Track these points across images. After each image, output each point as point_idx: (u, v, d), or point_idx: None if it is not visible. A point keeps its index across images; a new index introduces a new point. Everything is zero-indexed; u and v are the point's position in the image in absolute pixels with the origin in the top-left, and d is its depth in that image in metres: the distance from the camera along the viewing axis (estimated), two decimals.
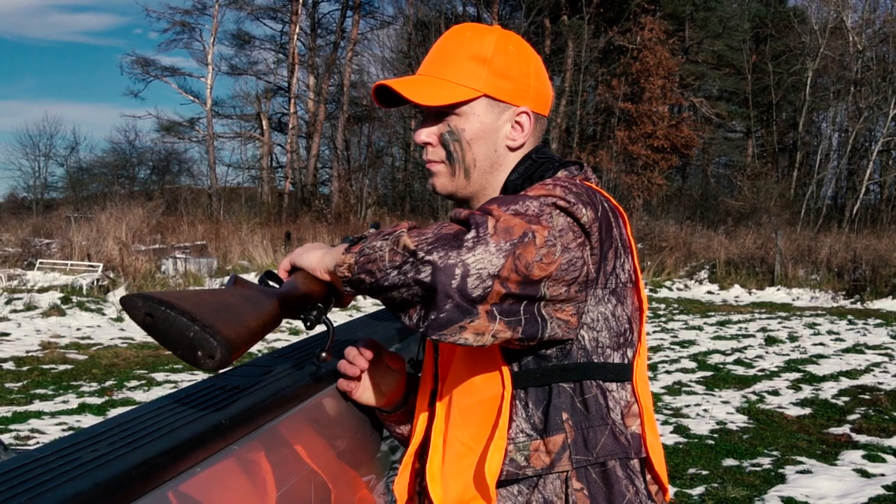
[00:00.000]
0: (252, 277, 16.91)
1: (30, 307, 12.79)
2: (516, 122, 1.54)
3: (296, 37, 38.01)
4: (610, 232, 1.37)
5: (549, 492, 1.35)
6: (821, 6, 35.79)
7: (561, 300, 1.28)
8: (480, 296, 1.19)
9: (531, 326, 1.26)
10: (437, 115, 1.54)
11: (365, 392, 1.64)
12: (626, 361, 1.41)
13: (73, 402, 7.98)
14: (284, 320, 1.44)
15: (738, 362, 10.57)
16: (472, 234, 1.20)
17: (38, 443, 6.46)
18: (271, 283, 1.47)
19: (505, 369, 1.38)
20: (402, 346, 2.09)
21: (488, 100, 1.51)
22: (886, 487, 5.66)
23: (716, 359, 10.80)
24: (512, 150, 1.55)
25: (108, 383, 8.83)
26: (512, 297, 1.22)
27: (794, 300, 18.24)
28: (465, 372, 1.44)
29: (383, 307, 2.72)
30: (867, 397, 8.57)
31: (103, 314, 12.86)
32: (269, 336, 12.02)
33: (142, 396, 8.26)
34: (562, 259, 1.25)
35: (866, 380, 9.52)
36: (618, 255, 1.39)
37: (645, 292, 1.49)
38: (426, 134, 1.56)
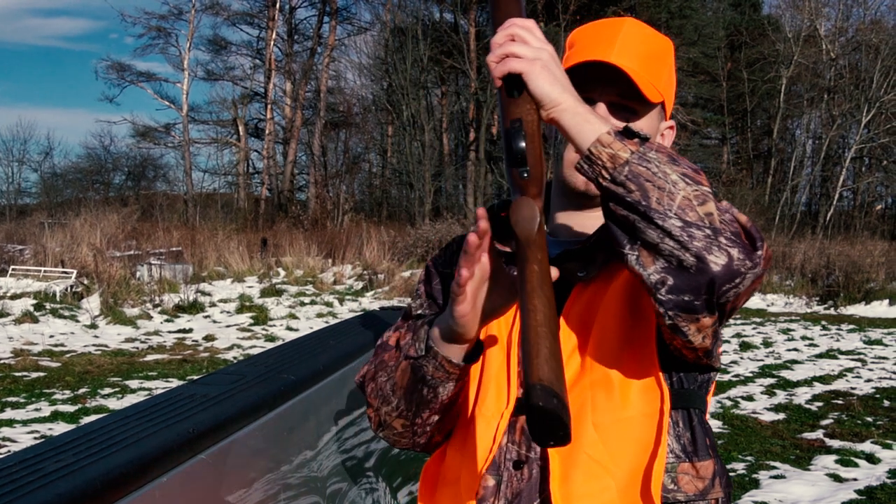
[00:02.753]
0: (228, 284, 16.83)
1: (2, 314, 12.65)
2: (662, 135, 1.53)
3: (272, 42, 37.93)
4: None
5: None
6: (794, 14, 36.15)
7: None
8: (725, 304, 1.21)
9: (717, 341, 1.32)
10: (620, 108, 1.45)
11: (470, 306, 1.29)
12: None
13: (46, 409, 7.90)
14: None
15: None
16: (758, 254, 1.19)
17: (9, 451, 6.39)
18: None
19: (665, 385, 1.34)
20: (369, 357, 2.08)
21: (659, 108, 1.50)
22: (859, 492, 5.70)
23: None
24: None
25: (81, 391, 8.75)
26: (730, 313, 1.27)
27: (768, 306, 18.35)
28: (613, 384, 1.35)
29: (363, 315, 2.71)
30: (840, 402, 8.64)
31: (77, 321, 12.75)
32: (245, 343, 11.96)
33: (115, 404, 8.19)
34: None
35: (839, 385, 9.60)
36: None
37: None
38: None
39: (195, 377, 6.61)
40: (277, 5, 37.74)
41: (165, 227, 25.65)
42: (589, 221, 1.48)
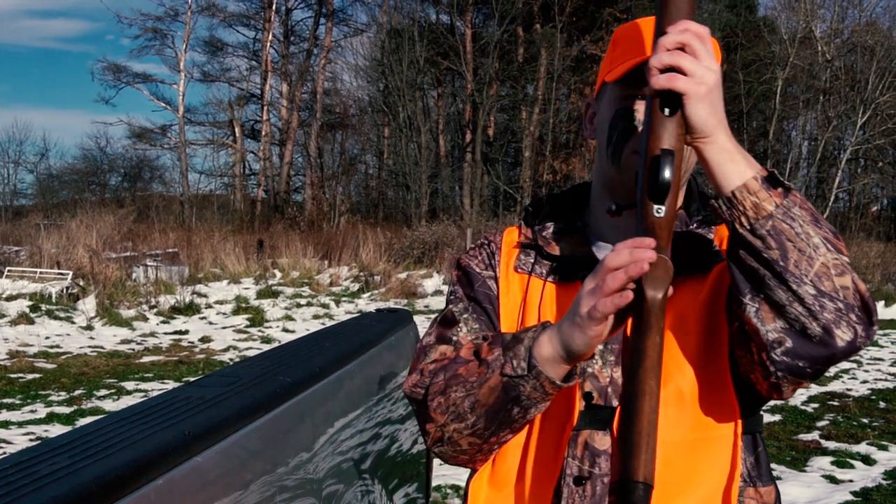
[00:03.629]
0: (224, 286, 16.80)
1: None
2: None
3: (269, 44, 37.93)
4: None
5: None
6: (790, 16, 36.19)
7: None
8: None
9: None
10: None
11: (606, 329, 1.22)
12: None
13: (42, 411, 7.88)
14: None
15: None
16: (874, 329, 1.17)
17: (4, 453, 6.37)
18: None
19: (737, 407, 1.32)
20: (366, 359, 2.08)
21: None
22: (854, 493, 5.71)
23: None
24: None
25: (77, 392, 8.73)
26: None
27: None
28: (686, 403, 1.32)
29: (360, 316, 2.71)
30: (836, 404, 8.64)
31: (73, 322, 12.73)
32: (241, 344, 11.96)
33: (111, 405, 8.18)
34: None
35: (835, 386, 9.60)
36: None
37: None
38: None
39: (191, 379, 6.60)
40: (274, 7, 37.76)
41: (161, 229, 25.63)
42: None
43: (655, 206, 1.18)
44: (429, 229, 23.63)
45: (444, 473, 5.96)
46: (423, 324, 10.68)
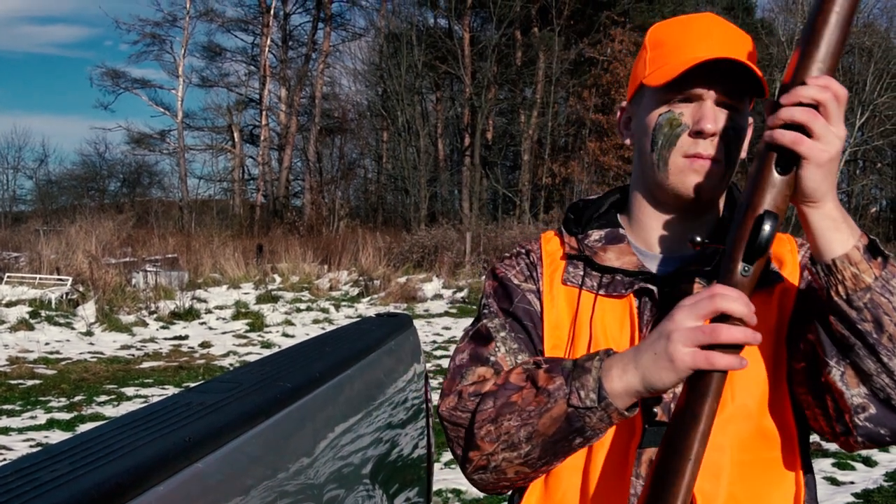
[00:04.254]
0: (224, 291, 16.80)
1: None
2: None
3: (267, 49, 37.96)
4: None
5: None
6: (787, 18, 36.24)
7: None
8: None
9: None
10: (723, 106, 1.35)
11: None
12: None
13: (42, 417, 7.88)
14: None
15: None
16: None
17: (4, 459, 6.36)
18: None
19: (796, 432, 1.33)
20: (366, 363, 2.08)
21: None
22: (856, 495, 5.71)
23: None
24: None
25: (77, 398, 8.73)
26: None
27: None
28: (752, 420, 1.30)
29: (359, 321, 2.72)
30: None
31: (73, 328, 12.72)
32: (241, 349, 11.95)
33: (111, 411, 8.17)
34: None
35: None
36: None
37: None
38: (718, 123, 1.34)
39: (191, 384, 6.60)
40: (272, 12, 37.80)
41: (161, 234, 25.63)
42: (701, 230, 1.41)
43: (744, 265, 1.16)
44: (428, 233, 23.63)
45: (445, 478, 5.96)
46: (422, 328, 10.63)
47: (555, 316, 1.42)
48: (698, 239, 1.24)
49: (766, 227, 1.14)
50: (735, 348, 1.13)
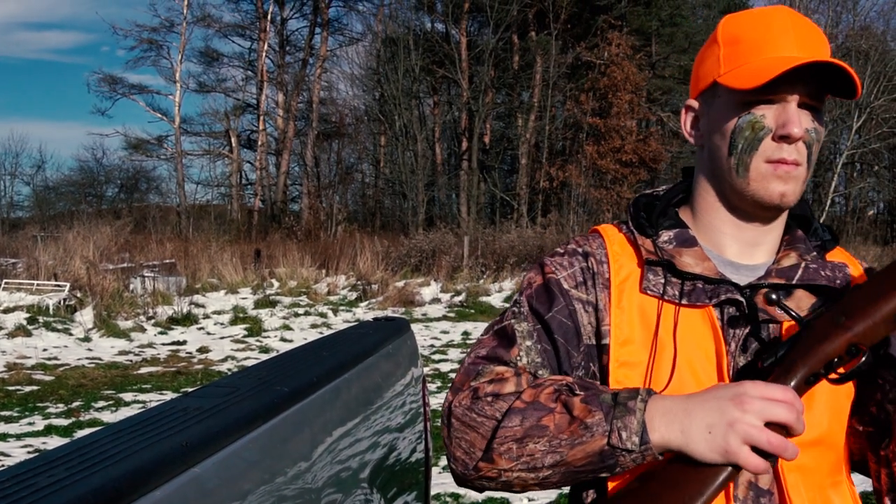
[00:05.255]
0: (222, 296, 16.78)
1: None
2: None
3: (264, 54, 37.99)
4: None
5: None
6: None
7: None
8: None
9: None
10: (806, 108, 1.29)
11: None
12: None
13: (40, 423, 7.87)
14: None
15: None
16: None
17: (2, 465, 6.36)
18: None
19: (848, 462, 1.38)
20: (363, 368, 2.07)
21: None
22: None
23: None
24: None
25: (74, 404, 8.72)
26: None
27: None
28: (825, 445, 1.30)
29: (357, 325, 2.72)
30: None
31: (70, 334, 12.71)
32: (239, 354, 11.94)
33: (109, 417, 8.17)
34: None
35: None
36: None
37: None
38: (805, 127, 1.28)
39: (189, 389, 6.60)
40: (269, 17, 37.82)
41: (158, 240, 25.61)
42: (763, 237, 1.36)
43: (815, 376, 1.17)
44: (426, 237, 23.64)
45: (444, 482, 5.95)
46: (420, 332, 10.62)
47: (626, 330, 1.31)
48: (768, 360, 1.22)
49: (863, 360, 1.15)
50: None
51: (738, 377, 1.26)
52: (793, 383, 1.16)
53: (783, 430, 1.12)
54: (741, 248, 1.36)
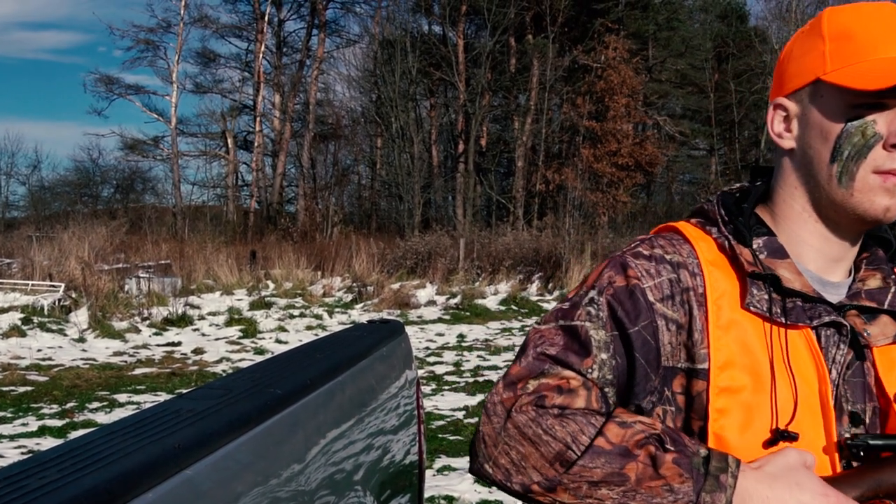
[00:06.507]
0: (217, 297, 16.77)
1: None
2: None
3: (261, 55, 37.97)
4: None
5: None
6: (781, 26, 36.35)
7: None
8: None
9: None
10: None
11: None
12: None
13: (33, 424, 7.85)
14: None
15: None
16: None
17: None
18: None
19: None
20: (357, 370, 2.07)
21: None
22: None
23: None
24: None
25: (69, 405, 8.70)
26: None
27: None
28: None
29: (352, 327, 2.72)
30: None
31: (65, 335, 12.69)
32: (234, 356, 11.93)
33: (103, 418, 8.15)
34: None
35: None
36: None
37: None
38: None
39: (184, 391, 6.59)
40: (266, 18, 37.81)
41: (154, 240, 25.60)
42: (846, 253, 1.27)
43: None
44: (422, 240, 23.63)
45: (438, 484, 5.95)
46: (416, 334, 10.60)
47: (726, 352, 1.18)
48: (859, 442, 1.15)
49: None
50: None
51: (839, 415, 1.18)
52: (856, 494, 1.10)
53: None
54: (825, 264, 1.26)
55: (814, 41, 1.22)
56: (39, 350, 11.79)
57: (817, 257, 1.25)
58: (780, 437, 1.13)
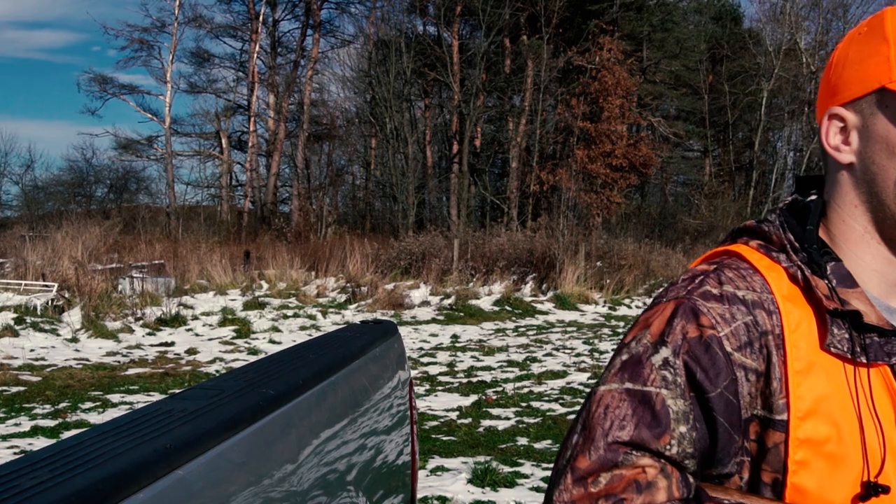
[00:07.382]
0: (210, 297, 16.74)
1: None
2: None
3: (256, 55, 37.94)
4: None
5: None
6: (775, 28, 36.46)
7: None
8: None
9: None
10: None
11: None
12: None
13: (26, 424, 7.83)
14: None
15: None
16: None
17: None
18: None
19: None
20: (350, 370, 2.07)
21: None
22: None
23: None
24: None
25: (62, 405, 8.68)
26: None
27: None
28: None
29: (346, 327, 2.72)
30: None
31: (58, 335, 12.66)
32: (227, 356, 11.91)
33: (96, 418, 8.14)
34: None
35: None
36: None
37: None
38: None
39: (177, 391, 6.59)
40: (261, 18, 37.79)
41: (147, 240, 25.53)
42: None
43: None
44: (416, 240, 23.62)
45: (431, 485, 5.95)
46: (410, 335, 10.58)
47: (808, 401, 1.03)
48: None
49: None
50: None
51: None
52: None
53: None
54: (887, 289, 1.14)
55: (875, 44, 1.09)
56: (32, 350, 11.77)
57: (880, 282, 1.13)
58: (872, 491, 1.01)
